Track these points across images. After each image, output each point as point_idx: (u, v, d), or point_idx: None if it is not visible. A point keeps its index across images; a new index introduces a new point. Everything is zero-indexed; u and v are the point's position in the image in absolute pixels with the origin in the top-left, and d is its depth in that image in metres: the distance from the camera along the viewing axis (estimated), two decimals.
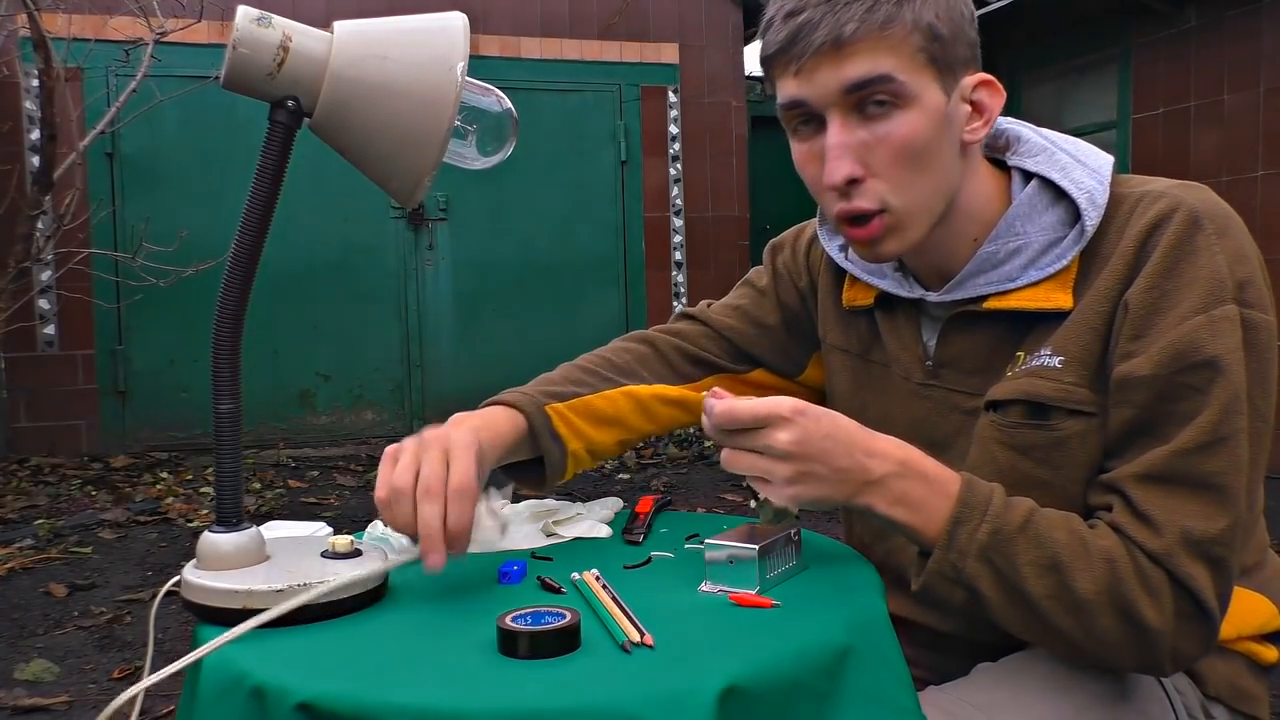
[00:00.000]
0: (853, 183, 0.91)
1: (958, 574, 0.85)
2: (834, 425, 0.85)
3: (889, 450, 0.87)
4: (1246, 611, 0.99)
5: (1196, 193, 0.90)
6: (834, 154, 0.90)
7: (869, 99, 0.89)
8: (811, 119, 0.93)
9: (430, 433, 0.93)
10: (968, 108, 0.94)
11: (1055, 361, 0.92)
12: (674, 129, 6.44)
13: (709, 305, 1.26)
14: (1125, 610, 0.83)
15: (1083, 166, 0.95)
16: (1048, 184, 0.96)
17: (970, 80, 0.93)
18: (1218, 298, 0.85)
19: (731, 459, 0.85)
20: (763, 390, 1.20)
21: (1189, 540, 0.83)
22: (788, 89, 0.92)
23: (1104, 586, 0.83)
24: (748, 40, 6.67)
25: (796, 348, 1.21)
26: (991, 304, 0.97)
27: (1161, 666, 0.87)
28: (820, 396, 1.21)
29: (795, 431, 0.82)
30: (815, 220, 1.18)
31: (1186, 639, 0.85)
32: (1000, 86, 0.95)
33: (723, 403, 0.85)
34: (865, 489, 0.85)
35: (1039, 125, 1.05)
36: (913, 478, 0.86)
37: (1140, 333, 0.87)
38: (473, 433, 0.94)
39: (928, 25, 0.88)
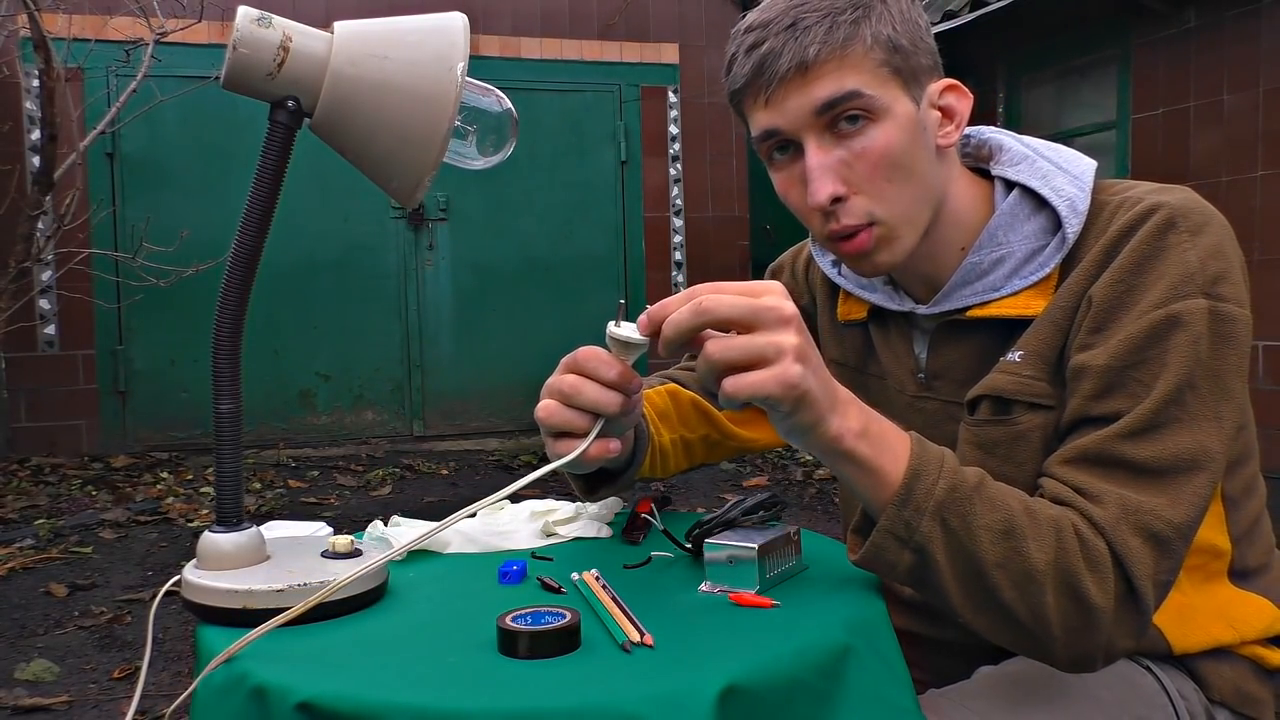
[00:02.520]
0: (837, 201, 0.92)
1: (910, 533, 0.80)
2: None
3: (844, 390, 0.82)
4: (1251, 616, 0.99)
5: (1177, 195, 0.90)
6: (815, 175, 0.91)
7: (841, 117, 0.90)
8: (787, 146, 0.94)
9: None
10: (937, 114, 0.95)
11: (1015, 356, 0.93)
12: (674, 129, 6.45)
13: None
14: (1070, 585, 0.80)
15: (1064, 174, 0.96)
16: (1029, 193, 0.97)
17: (936, 87, 0.94)
18: (1183, 292, 0.85)
19: (724, 345, 0.75)
20: None
21: (1127, 509, 0.82)
22: (760, 120, 0.93)
23: (1052, 557, 0.80)
24: None
25: None
26: (974, 313, 0.97)
27: (1093, 657, 0.83)
28: None
29: (790, 303, 0.76)
30: (809, 240, 1.19)
31: (1122, 626, 0.81)
32: (966, 90, 0.96)
33: (706, 287, 0.78)
34: (837, 406, 0.78)
35: (1039, 126, 1.05)
36: (868, 412, 0.81)
37: (1101, 326, 0.87)
38: None
39: (887, 38, 0.90)
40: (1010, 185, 0.99)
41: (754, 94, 0.92)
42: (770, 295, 0.76)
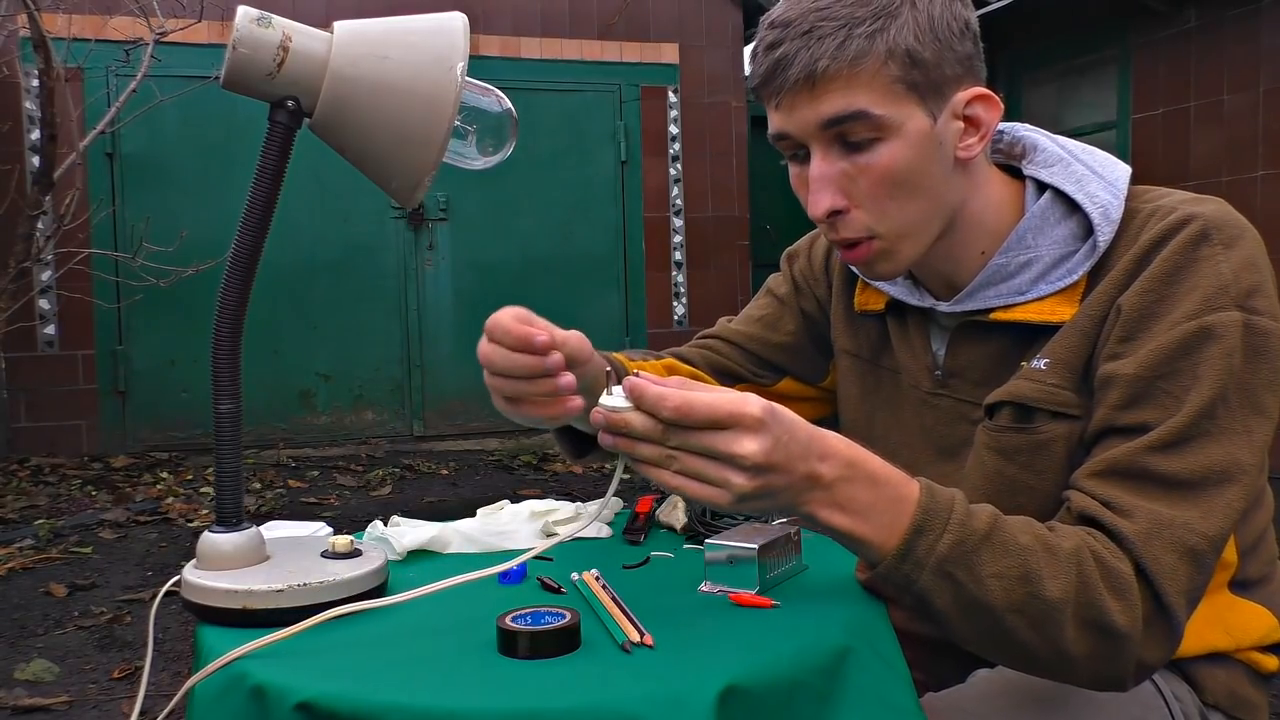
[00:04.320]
0: (836, 214, 0.91)
1: (909, 584, 0.80)
2: (794, 426, 0.76)
3: (839, 450, 0.78)
4: (1247, 624, 0.99)
5: (1210, 206, 0.89)
6: (815, 187, 0.91)
7: (848, 133, 0.89)
8: (799, 149, 0.93)
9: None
10: (960, 124, 0.91)
11: (1041, 364, 0.92)
12: (674, 129, 6.45)
13: (729, 321, 1.26)
14: (1093, 617, 0.79)
15: (1099, 179, 0.94)
16: (1061, 196, 0.95)
17: (963, 96, 0.91)
18: (1215, 304, 0.84)
19: (668, 463, 0.74)
20: (787, 402, 1.21)
21: (1159, 524, 0.81)
22: (773, 121, 0.93)
23: (1073, 593, 0.79)
24: (748, 40, 6.67)
25: (817, 354, 1.21)
26: (998, 315, 0.96)
27: (1124, 680, 0.82)
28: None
29: (766, 440, 0.73)
30: None
31: (1151, 645, 0.81)
32: (998, 100, 0.93)
33: (677, 394, 0.72)
34: (810, 497, 0.77)
35: (1038, 125, 1.04)
36: (860, 480, 0.79)
37: (1131, 335, 0.86)
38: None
39: (905, 52, 0.86)
40: (1042, 187, 0.97)
41: (767, 96, 0.92)
42: (744, 441, 0.73)
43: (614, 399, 0.75)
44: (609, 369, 0.84)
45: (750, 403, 0.73)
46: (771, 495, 0.75)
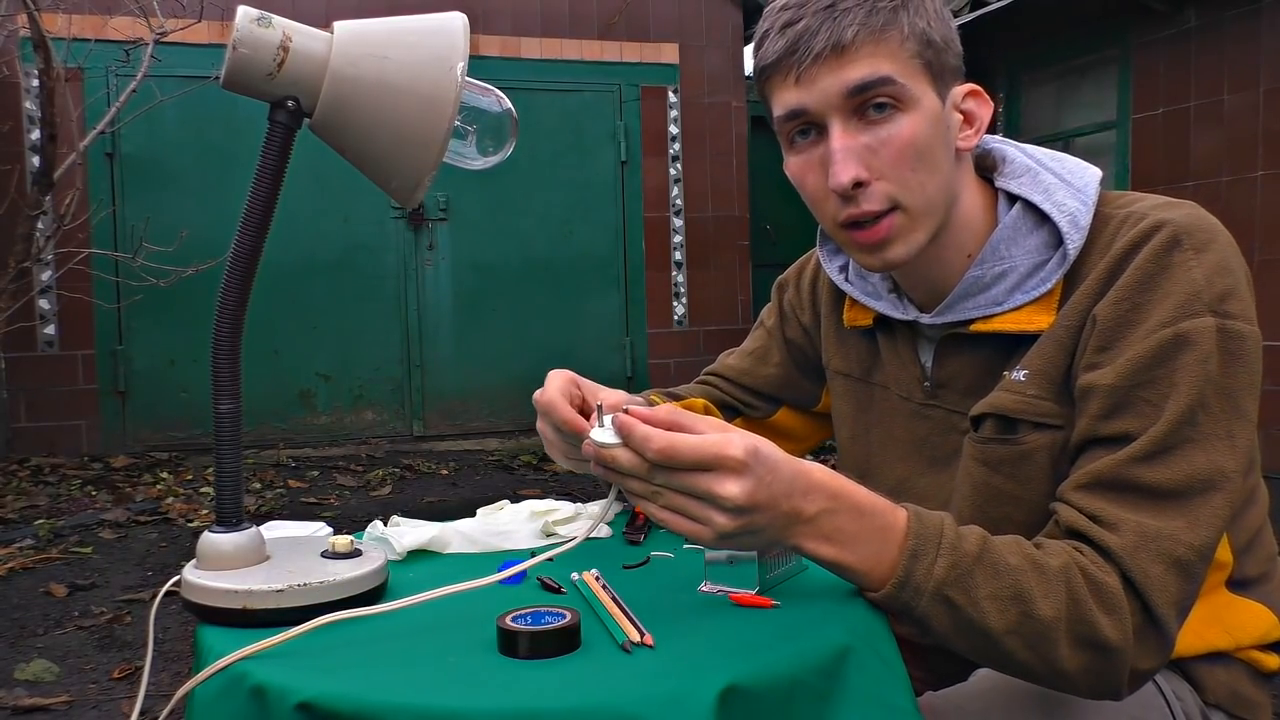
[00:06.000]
0: (858, 186, 0.91)
1: (909, 609, 0.80)
2: (777, 465, 0.76)
3: (823, 483, 0.79)
4: (1248, 623, 0.99)
5: (1182, 210, 0.89)
6: (839, 157, 0.90)
7: (870, 102, 0.89)
8: (810, 128, 0.92)
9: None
10: (959, 116, 0.95)
11: (1020, 375, 0.92)
12: (674, 129, 6.45)
13: (729, 355, 1.30)
14: (1086, 635, 0.80)
15: (1067, 187, 0.95)
16: (1031, 207, 0.96)
17: (960, 90, 0.95)
18: (1190, 310, 0.84)
19: (655, 498, 0.76)
20: (782, 437, 1.23)
21: (1145, 536, 0.81)
22: (787, 99, 0.92)
23: (1064, 612, 0.79)
24: (748, 40, 6.67)
25: (808, 381, 1.23)
26: (977, 327, 0.97)
27: (1119, 690, 0.83)
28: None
29: (748, 482, 0.73)
30: (816, 249, 1.18)
31: (1143, 655, 0.82)
32: (988, 96, 0.97)
33: (662, 436, 0.74)
34: (795, 531, 0.78)
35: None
36: (844, 512, 0.79)
37: (1107, 345, 0.87)
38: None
39: (922, 32, 0.90)
40: (1013, 198, 0.98)
41: (784, 71, 0.91)
42: (726, 483, 0.73)
43: (604, 433, 0.77)
44: (599, 403, 0.83)
45: (733, 445, 0.74)
46: (755, 532, 0.76)
